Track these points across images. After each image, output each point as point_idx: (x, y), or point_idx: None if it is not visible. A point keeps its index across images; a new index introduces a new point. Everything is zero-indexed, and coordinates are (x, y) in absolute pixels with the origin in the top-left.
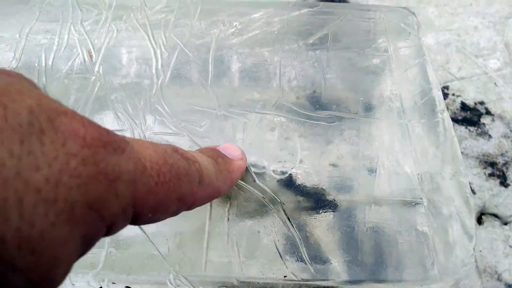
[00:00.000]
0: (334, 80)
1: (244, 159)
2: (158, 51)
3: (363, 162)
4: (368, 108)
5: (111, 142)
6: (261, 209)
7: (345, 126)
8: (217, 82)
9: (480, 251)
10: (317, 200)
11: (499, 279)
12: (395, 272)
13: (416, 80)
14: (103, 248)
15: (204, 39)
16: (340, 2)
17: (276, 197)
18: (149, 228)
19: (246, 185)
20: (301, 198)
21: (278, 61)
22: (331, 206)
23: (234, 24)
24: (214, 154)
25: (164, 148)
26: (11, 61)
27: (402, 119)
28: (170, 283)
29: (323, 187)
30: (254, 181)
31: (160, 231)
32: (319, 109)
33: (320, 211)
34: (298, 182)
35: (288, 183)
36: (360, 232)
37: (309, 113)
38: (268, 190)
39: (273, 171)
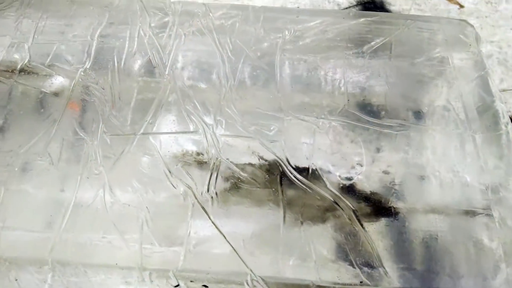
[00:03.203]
0: (384, 87)
1: None
2: (225, 56)
3: (416, 169)
4: (419, 116)
5: None
6: (330, 213)
7: (396, 133)
8: (282, 87)
9: None
10: (375, 207)
11: None
12: (451, 281)
13: (476, 91)
14: (182, 245)
15: (267, 45)
16: (381, 11)
17: (349, 203)
18: (225, 228)
19: (319, 189)
20: (361, 204)
21: (333, 68)
22: (390, 213)
23: (295, 31)
24: None
25: None
26: (84, 61)
27: (460, 129)
28: (247, 284)
29: (380, 194)
30: (326, 186)
31: (236, 232)
32: (370, 115)
33: (379, 218)
34: (355, 188)
35: (347, 188)
36: (416, 239)
37: (377, 121)
38: (341, 196)
39: (339, 176)
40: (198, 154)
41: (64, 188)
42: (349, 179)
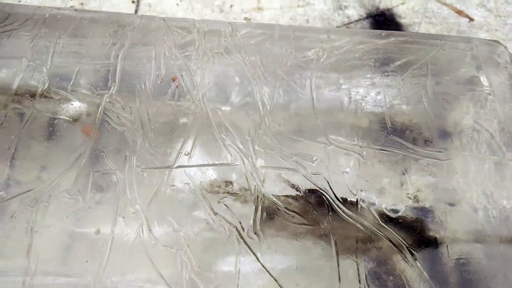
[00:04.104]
0: (408, 107)
1: None
2: (258, 79)
3: (447, 195)
4: (444, 137)
5: None
6: (385, 251)
7: (443, 162)
8: (319, 112)
9: None
10: (418, 238)
11: None
12: None
13: None
14: None
15: (300, 66)
16: (391, 24)
17: (404, 242)
18: (276, 270)
19: (370, 225)
20: (406, 236)
21: (370, 90)
22: (431, 244)
23: (327, 51)
24: None
25: None
26: (109, 85)
27: (498, 156)
28: None
29: (421, 223)
30: (379, 223)
31: (288, 275)
32: (413, 142)
33: (422, 249)
34: (400, 220)
35: (394, 221)
36: (456, 270)
37: (422, 149)
38: (394, 233)
39: (385, 208)
40: (227, 185)
41: (100, 229)
42: (396, 211)
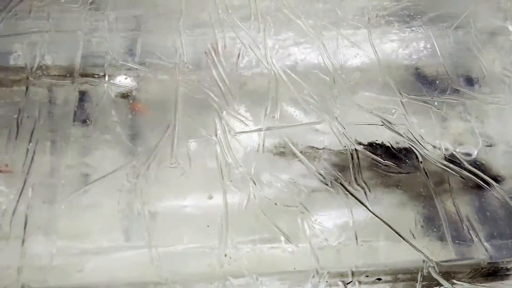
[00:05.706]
0: (435, 57)
1: None
2: (319, 41)
3: (485, 138)
4: (472, 83)
5: None
6: (474, 190)
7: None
8: (387, 67)
9: None
10: (488, 175)
11: None
12: None
13: None
14: (351, 240)
15: (355, 25)
16: None
17: (492, 180)
18: (384, 217)
19: (459, 169)
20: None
21: (412, 41)
22: (496, 180)
23: (372, 9)
24: None
25: None
26: (180, 55)
27: None
28: (421, 272)
29: (488, 164)
30: (421, 162)
31: (398, 220)
32: (426, 85)
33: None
34: (478, 163)
35: (475, 164)
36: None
37: (482, 96)
38: (482, 174)
39: (458, 152)
40: (317, 144)
41: (212, 195)
42: (468, 154)
